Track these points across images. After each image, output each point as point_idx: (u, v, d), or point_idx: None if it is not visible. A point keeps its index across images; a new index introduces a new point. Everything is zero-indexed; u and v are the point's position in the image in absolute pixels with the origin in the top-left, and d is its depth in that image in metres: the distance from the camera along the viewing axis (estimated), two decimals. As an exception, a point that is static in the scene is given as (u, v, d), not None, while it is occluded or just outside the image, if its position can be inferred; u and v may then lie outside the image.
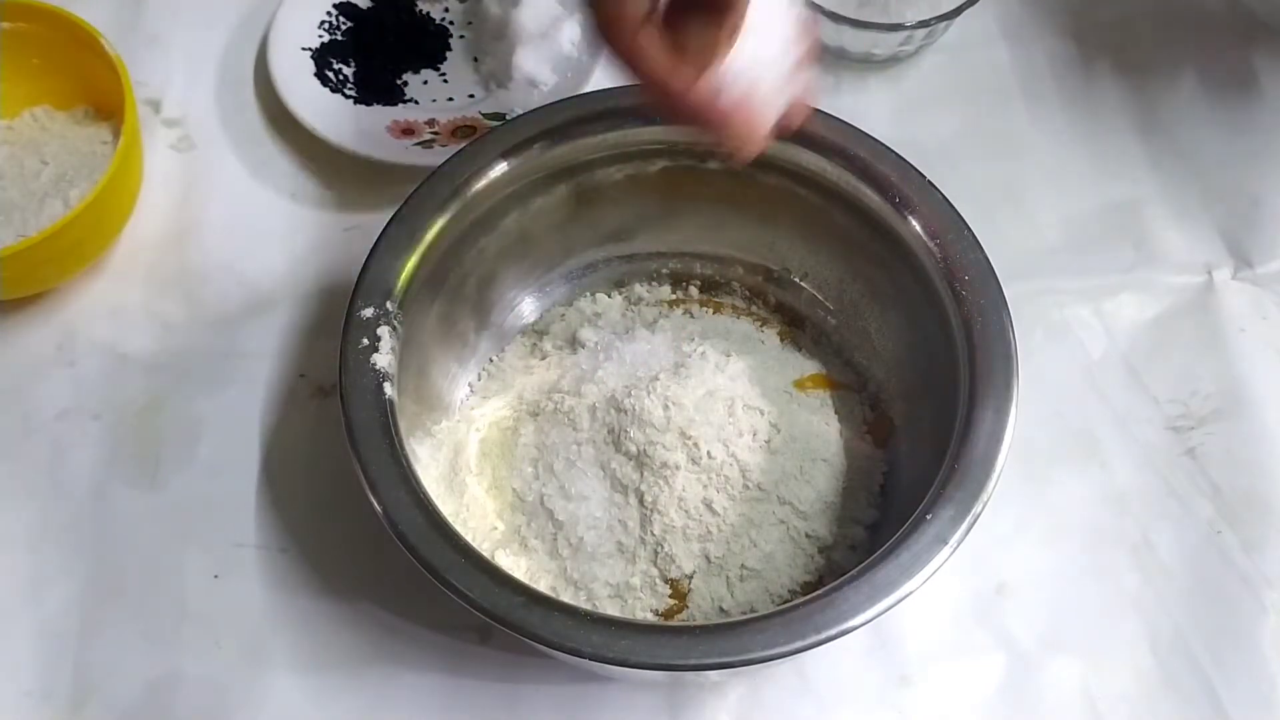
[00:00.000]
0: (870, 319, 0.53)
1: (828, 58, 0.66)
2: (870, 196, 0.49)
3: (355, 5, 0.67)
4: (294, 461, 0.54)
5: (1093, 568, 0.51)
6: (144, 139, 0.59)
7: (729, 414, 0.49)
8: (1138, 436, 0.54)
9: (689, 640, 0.38)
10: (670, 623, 0.47)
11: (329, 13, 0.67)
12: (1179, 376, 0.56)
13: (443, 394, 0.52)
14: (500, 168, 0.49)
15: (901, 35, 0.62)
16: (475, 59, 0.67)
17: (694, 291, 0.56)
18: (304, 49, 0.65)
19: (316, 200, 0.62)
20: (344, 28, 0.67)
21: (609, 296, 0.56)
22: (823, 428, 0.51)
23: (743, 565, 0.48)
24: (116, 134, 0.56)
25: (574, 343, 0.54)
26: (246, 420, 0.55)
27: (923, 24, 0.62)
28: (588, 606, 0.46)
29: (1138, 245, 0.60)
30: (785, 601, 0.47)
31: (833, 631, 0.38)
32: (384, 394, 0.44)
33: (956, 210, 0.47)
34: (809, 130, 0.49)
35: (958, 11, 0.62)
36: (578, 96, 0.51)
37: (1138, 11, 0.68)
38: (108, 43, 0.56)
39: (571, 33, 0.65)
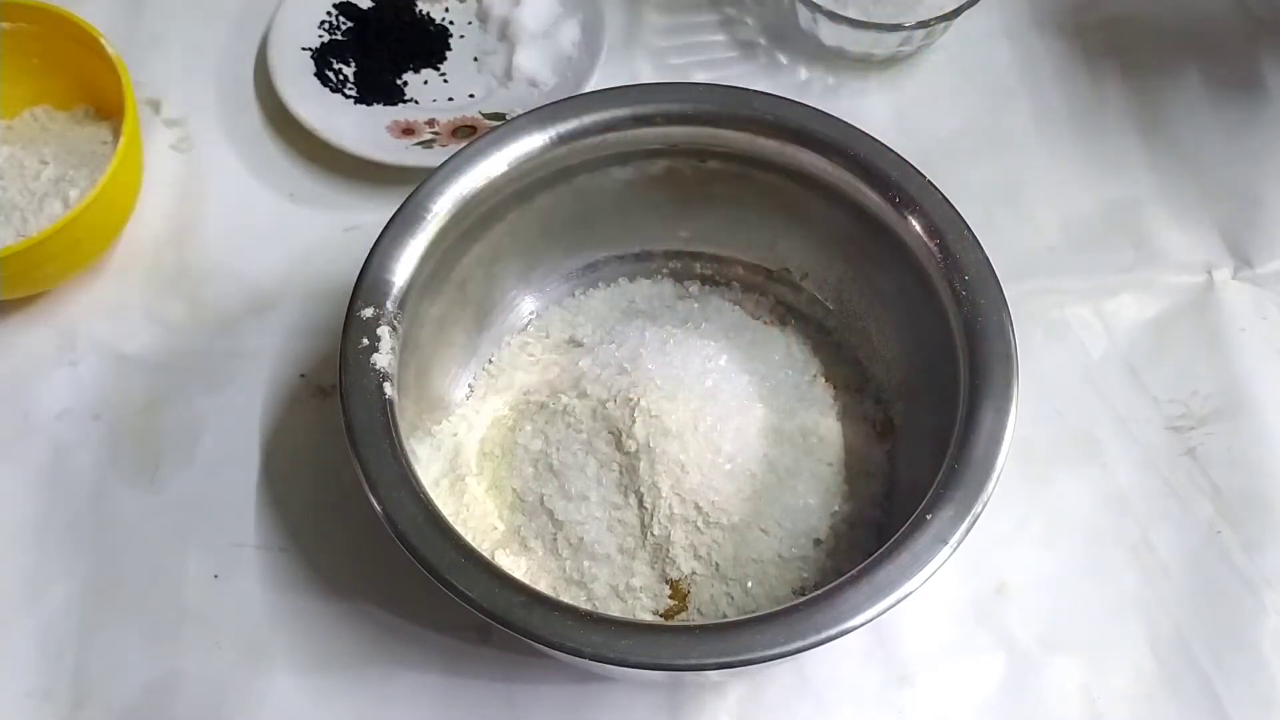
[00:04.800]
0: (870, 319, 0.53)
1: (828, 57, 0.66)
2: (870, 196, 0.49)
3: (355, 5, 0.67)
4: (294, 461, 0.54)
5: (1093, 568, 0.51)
6: (144, 139, 0.59)
7: (730, 414, 0.49)
8: (1138, 436, 0.54)
9: (689, 640, 0.38)
10: (670, 623, 0.47)
11: (329, 13, 0.67)
12: (1179, 376, 0.56)
13: (443, 394, 0.52)
14: (500, 168, 0.49)
15: (900, 35, 0.62)
16: (475, 59, 0.67)
17: (694, 291, 0.56)
18: (304, 49, 0.65)
19: (316, 200, 0.62)
20: (344, 28, 0.67)
21: (609, 296, 0.56)
22: (824, 428, 0.51)
23: (743, 565, 0.48)
24: (116, 134, 0.56)
25: (574, 342, 0.54)
26: (246, 420, 0.55)
27: (922, 24, 0.62)
28: (588, 606, 0.46)
29: (1138, 245, 0.60)
30: (785, 602, 0.47)
31: (833, 631, 0.38)
32: (384, 394, 0.44)
33: (956, 210, 0.47)
34: (809, 130, 0.49)
35: (957, 13, 0.62)
36: (578, 96, 0.51)
37: (1138, 11, 0.68)
38: (108, 43, 0.56)
39: (571, 33, 0.65)
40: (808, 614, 0.39)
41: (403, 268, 0.47)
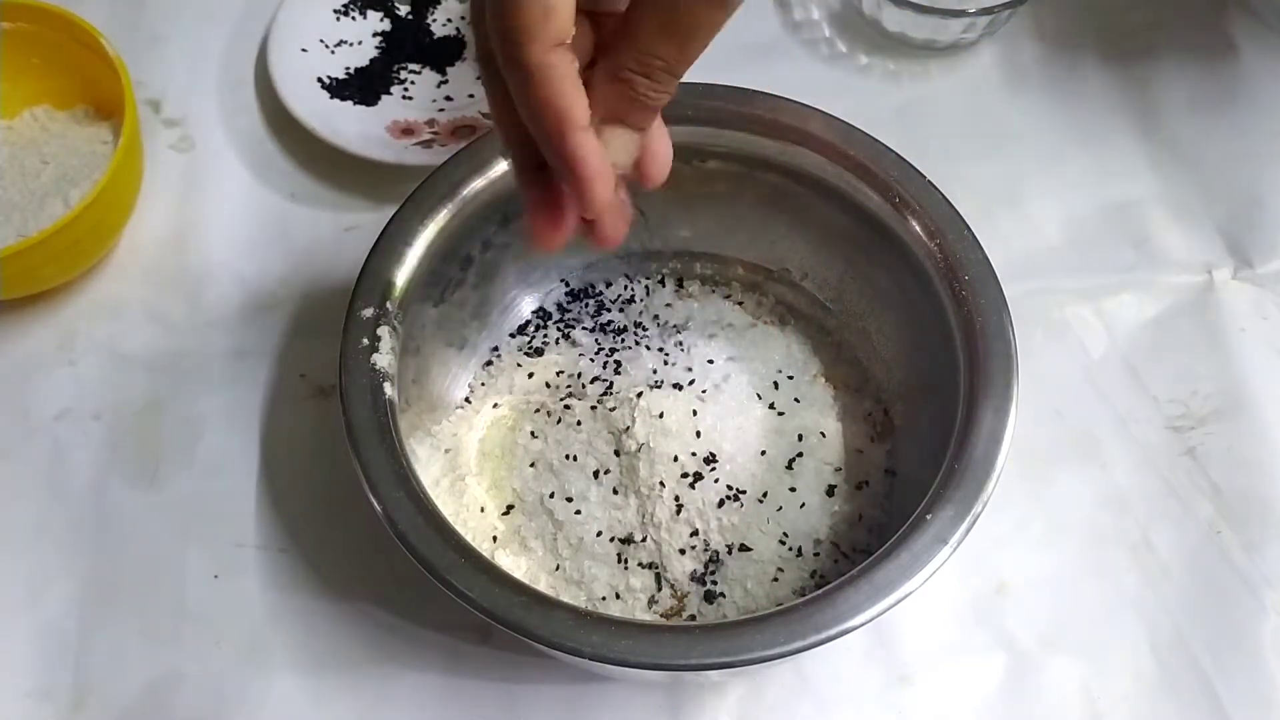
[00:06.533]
0: (870, 319, 0.53)
1: (889, 43, 0.66)
2: (870, 196, 0.49)
3: (357, 8, 0.67)
4: (294, 461, 0.54)
5: (1093, 568, 0.51)
6: (144, 139, 0.59)
7: (730, 414, 0.49)
8: (1138, 436, 0.54)
9: (689, 640, 0.38)
10: (670, 623, 0.47)
11: (334, 11, 0.67)
12: (1179, 376, 0.56)
13: (443, 394, 0.52)
14: (500, 167, 0.49)
15: (964, 22, 0.62)
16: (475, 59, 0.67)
17: (694, 291, 0.56)
18: (304, 49, 0.65)
19: (316, 200, 0.62)
20: (347, 30, 0.67)
21: (609, 296, 0.56)
22: (824, 428, 0.51)
23: (743, 565, 0.48)
24: (116, 134, 0.56)
25: (573, 343, 0.54)
26: (246, 420, 0.55)
27: (985, 11, 0.62)
28: (587, 606, 0.46)
29: (1138, 245, 0.60)
30: (785, 602, 0.47)
31: (833, 631, 0.38)
32: (384, 394, 0.44)
33: (956, 210, 0.47)
34: (809, 130, 0.49)
35: (1021, 0, 0.62)
36: (578, 96, 0.51)
37: (1138, 11, 0.68)
38: (108, 43, 0.56)
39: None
40: (808, 614, 0.39)
41: (403, 268, 0.47)
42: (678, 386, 0.49)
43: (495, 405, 0.52)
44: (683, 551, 0.47)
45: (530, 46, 0.31)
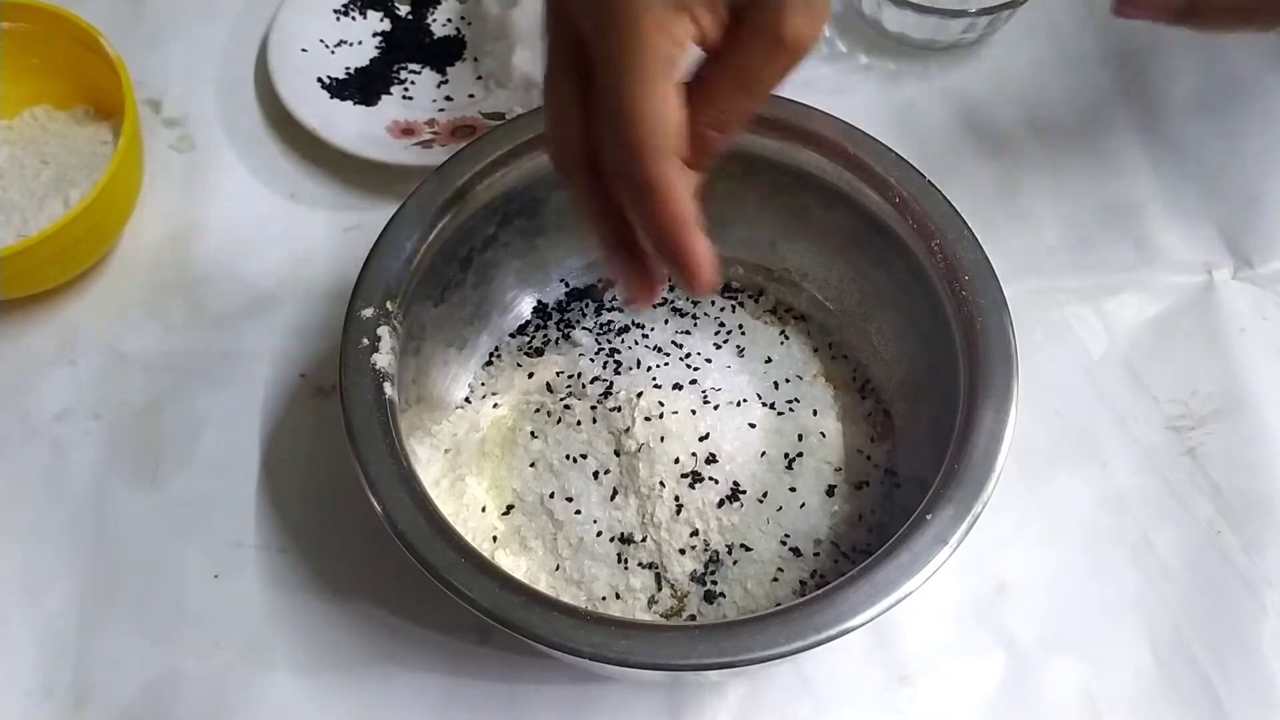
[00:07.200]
0: (870, 319, 0.53)
1: (888, 44, 0.66)
2: (870, 196, 0.49)
3: (357, 8, 0.67)
4: (294, 461, 0.54)
5: (1093, 568, 0.51)
6: (144, 139, 0.59)
7: (729, 414, 0.49)
8: (1138, 436, 0.54)
9: (689, 640, 0.38)
10: (670, 623, 0.47)
11: (334, 11, 0.67)
12: (1179, 376, 0.56)
13: (443, 394, 0.52)
14: (500, 167, 0.49)
15: (964, 22, 0.62)
16: (475, 59, 0.67)
17: (694, 291, 0.56)
18: (304, 49, 0.65)
19: (316, 200, 0.62)
20: (347, 30, 0.67)
21: (609, 296, 0.56)
22: (824, 428, 0.51)
23: (743, 565, 0.48)
24: (116, 134, 0.56)
25: (573, 343, 0.54)
26: (246, 420, 0.55)
27: (986, 11, 0.62)
28: (587, 606, 0.46)
29: (1138, 245, 0.60)
30: (785, 602, 0.47)
31: (833, 631, 0.38)
32: (384, 394, 0.44)
33: (956, 210, 0.47)
34: (809, 130, 0.49)
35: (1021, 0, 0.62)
36: (578, 96, 0.51)
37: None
38: (108, 43, 0.57)
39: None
40: (808, 614, 0.39)
41: (403, 268, 0.47)
42: (678, 386, 0.49)
43: (495, 405, 0.52)
44: (683, 551, 0.47)
45: (653, 163, 0.33)
